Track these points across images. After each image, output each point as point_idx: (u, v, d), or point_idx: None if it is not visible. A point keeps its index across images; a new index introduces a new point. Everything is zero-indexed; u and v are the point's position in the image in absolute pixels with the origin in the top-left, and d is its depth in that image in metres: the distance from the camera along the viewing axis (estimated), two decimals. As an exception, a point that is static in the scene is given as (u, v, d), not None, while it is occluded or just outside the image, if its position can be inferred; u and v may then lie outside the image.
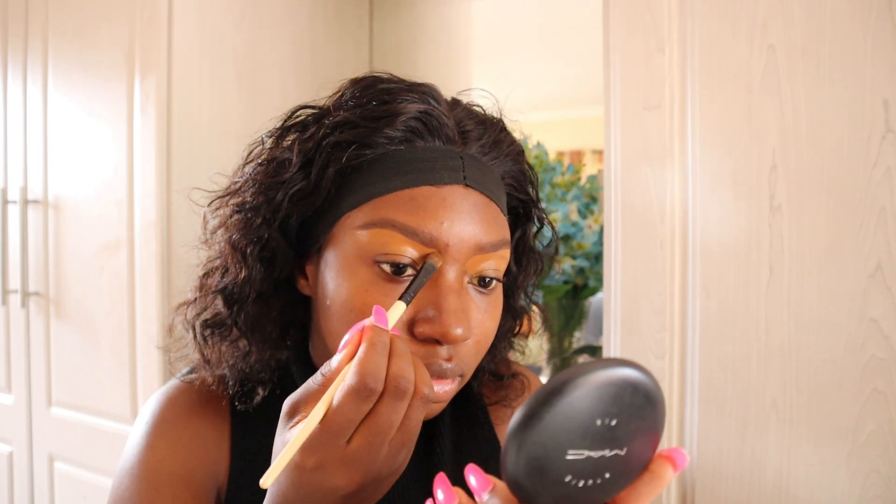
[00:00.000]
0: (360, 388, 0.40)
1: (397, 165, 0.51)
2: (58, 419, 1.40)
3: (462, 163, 0.52)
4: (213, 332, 0.58)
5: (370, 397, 0.41)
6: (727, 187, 0.85)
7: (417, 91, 0.53)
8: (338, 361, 0.43)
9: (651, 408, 0.34)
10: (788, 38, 0.81)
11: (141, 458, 0.56)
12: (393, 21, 1.67)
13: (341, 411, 0.40)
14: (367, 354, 0.41)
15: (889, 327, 0.76)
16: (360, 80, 0.55)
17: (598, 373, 0.32)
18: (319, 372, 0.43)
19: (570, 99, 3.81)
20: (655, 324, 0.91)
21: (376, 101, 0.52)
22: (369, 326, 0.43)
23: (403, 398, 0.42)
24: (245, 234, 0.54)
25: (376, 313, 0.44)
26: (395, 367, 0.42)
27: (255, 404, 0.58)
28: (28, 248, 1.43)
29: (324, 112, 0.54)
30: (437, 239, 0.49)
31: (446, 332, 0.48)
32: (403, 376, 0.42)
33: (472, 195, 0.51)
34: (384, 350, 0.42)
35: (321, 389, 0.43)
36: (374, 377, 0.41)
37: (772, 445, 0.83)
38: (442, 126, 0.52)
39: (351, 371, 0.41)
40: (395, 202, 0.50)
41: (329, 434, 0.41)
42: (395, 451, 0.43)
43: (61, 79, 1.37)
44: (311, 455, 0.41)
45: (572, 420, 0.33)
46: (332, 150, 0.51)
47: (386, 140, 0.51)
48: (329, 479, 0.41)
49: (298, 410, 0.43)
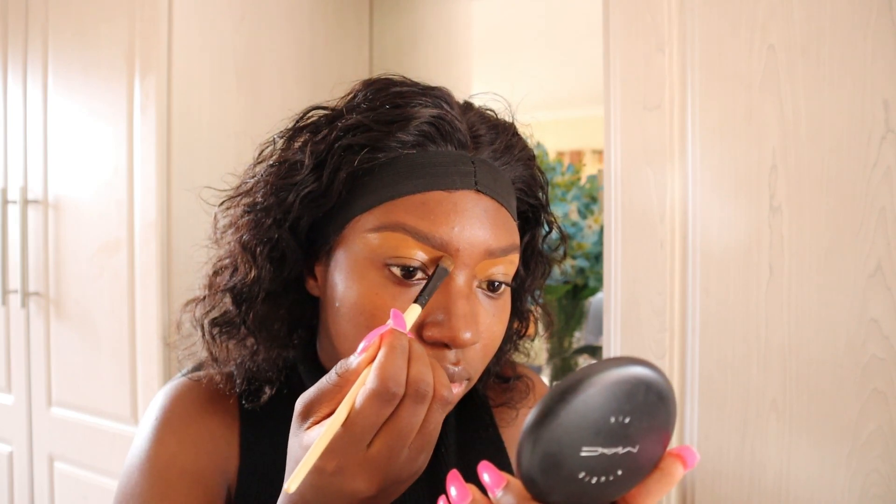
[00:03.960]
0: (381, 391, 0.40)
1: (409, 170, 0.51)
2: (58, 419, 1.40)
3: (474, 168, 0.52)
4: (221, 331, 0.58)
5: (392, 401, 0.41)
6: (727, 187, 0.85)
7: (430, 95, 0.53)
8: (357, 363, 0.43)
9: (663, 406, 0.35)
10: (788, 38, 0.81)
11: (151, 454, 0.56)
12: (393, 21, 1.67)
13: (363, 415, 0.40)
14: (388, 358, 0.41)
15: (889, 327, 0.76)
16: (373, 83, 0.54)
17: (612, 371, 0.33)
18: (334, 371, 0.43)
19: (570, 99, 3.81)
20: (655, 324, 0.91)
21: (389, 104, 0.52)
22: (389, 330, 0.43)
23: (424, 401, 0.42)
24: (255, 235, 0.54)
25: (395, 317, 0.44)
26: (415, 371, 0.42)
27: (262, 403, 0.58)
28: (28, 248, 1.43)
29: (336, 114, 0.54)
30: (448, 243, 0.49)
31: (455, 336, 0.48)
32: (424, 380, 0.42)
33: (484, 200, 0.51)
34: (404, 354, 0.42)
35: (335, 389, 0.42)
36: (395, 381, 0.41)
37: (772, 445, 0.83)
38: (454, 131, 0.52)
39: (372, 375, 0.41)
40: (406, 206, 0.50)
41: (350, 438, 0.41)
42: (415, 455, 0.43)
43: (61, 79, 1.37)
44: (331, 459, 0.41)
45: (587, 417, 0.33)
46: (345, 153, 0.51)
47: (398, 144, 0.51)
48: (349, 482, 0.41)
49: (313, 411, 0.43)
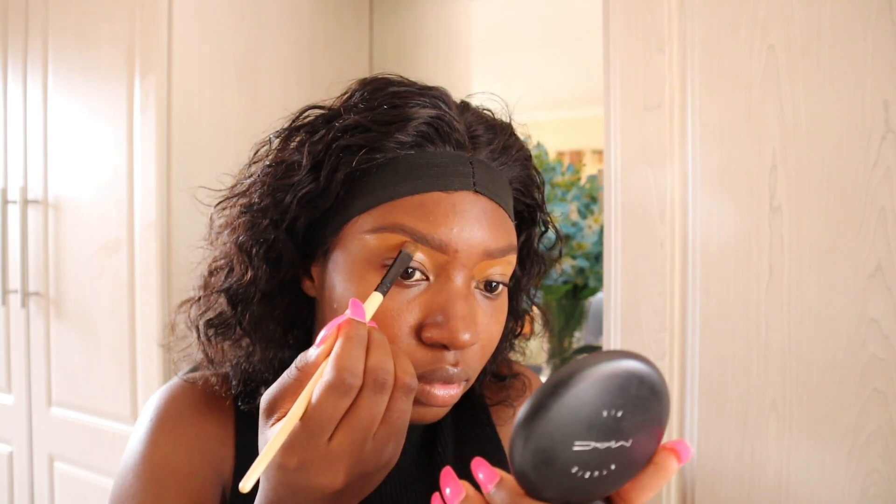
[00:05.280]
0: (337, 383, 0.40)
1: (408, 171, 0.50)
2: (58, 419, 1.40)
3: (472, 169, 0.52)
4: (216, 332, 0.57)
5: (349, 392, 0.40)
6: (727, 187, 0.85)
7: (428, 95, 0.52)
8: (315, 356, 0.42)
9: (656, 400, 0.34)
10: (788, 38, 0.81)
11: (145, 456, 0.56)
12: (393, 21, 1.67)
13: (320, 408, 0.40)
14: (344, 348, 0.41)
15: (889, 327, 0.76)
16: (370, 82, 0.54)
17: (604, 364, 0.33)
18: (294, 365, 0.42)
19: (570, 99, 3.81)
20: (655, 324, 0.91)
21: (387, 104, 0.51)
22: (347, 320, 0.42)
23: (383, 391, 0.41)
24: (252, 236, 0.54)
25: (353, 306, 0.43)
26: (373, 360, 0.41)
27: (257, 404, 0.57)
28: (28, 248, 1.43)
29: (333, 114, 0.54)
30: (446, 245, 0.49)
31: (454, 337, 0.48)
32: (382, 368, 0.41)
33: (482, 201, 0.51)
34: (361, 343, 0.41)
35: (296, 384, 0.42)
36: (351, 371, 0.40)
37: (772, 445, 0.83)
38: (453, 131, 0.52)
39: (328, 366, 0.40)
40: (404, 207, 0.50)
41: (309, 432, 0.40)
42: (381, 446, 0.42)
43: (61, 79, 1.37)
44: (292, 455, 0.40)
45: (579, 411, 0.33)
46: (342, 153, 0.51)
47: (397, 145, 0.51)
48: (313, 478, 0.41)
49: (277, 407, 0.42)
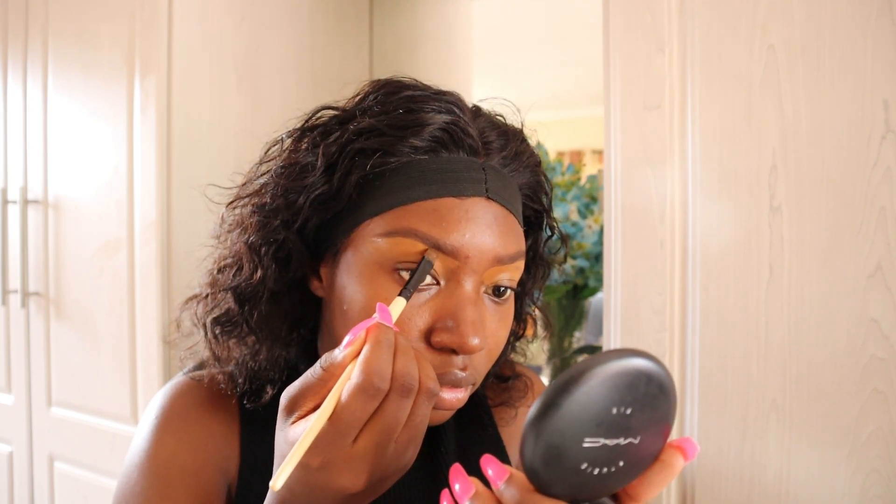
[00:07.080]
0: (366, 385, 0.40)
1: (421, 175, 0.51)
2: (58, 419, 1.40)
3: (485, 175, 0.52)
4: (223, 330, 0.58)
5: (377, 396, 0.41)
6: (727, 187, 0.85)
7: (443, 100, 0.53)
8: (342, 357, 0.43)
9: (664, 398, 0.35)
10: (788, 38, 0.81)
11: (150, 453, 0.56)
12: (393, 21, 1.67)
13: (349, 410, 0.40)
14: (374, 352, 0.41)
15: (889, 327, 0.76)
16: (384, 84, 0.54)
17: (614, 362, 0.33)
18: (319, 365, 0.43)
19: (570, 99, 3.81)
20: (655, 324, 0.91)
21: (402, 108, 0.52)
22: (375, 324, 0.43)
23: (409, 395, 0.42)
24: (262, 235, 0.54)
25: (381, 311, 0.44)
26: (401, 365, 0.42)
27: (263, 403, 0.58)
28: (28, 248, 1.43)
29: (347, 116, 0.54)
30: (458, 250, 0.49)
31: (464, 342, 0.48)
32: (409, 373, 0.42)
33: (493, 207, 0.52)
34: (389, 348, 0.42)
35: (320, 383, 0.42)
36: (380, 376, 0.40)
37: (772, 445, 0.83)
38: (466, 137, 0.52)
39: (357, 369, 0.41)
40: (417, 212, 0.50)
41: (336, 433, 0.40)
42: (402, 449, 0.43)
43: (61, 79, 1.37)
44: (317, 455, 0.41)
45: (589, 408, 0.33)
46: (357, 156, 0.51)
47: (411, 149, 0.51)
48: (335, 478, 0.41)
49: (298, 405, 0.43)
